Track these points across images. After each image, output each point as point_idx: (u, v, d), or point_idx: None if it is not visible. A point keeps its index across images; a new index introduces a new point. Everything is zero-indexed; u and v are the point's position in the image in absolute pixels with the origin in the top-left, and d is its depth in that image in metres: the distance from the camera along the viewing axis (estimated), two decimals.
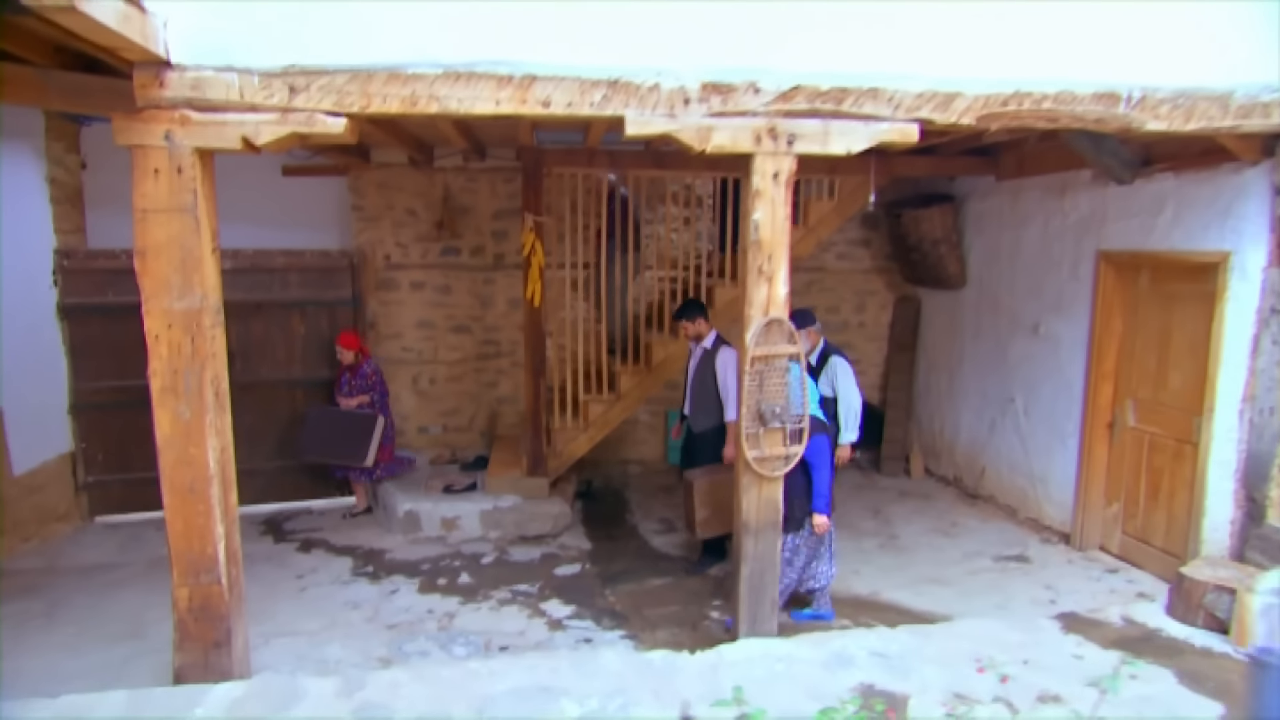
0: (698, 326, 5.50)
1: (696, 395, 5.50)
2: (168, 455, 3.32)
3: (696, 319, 5.50)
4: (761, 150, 3.50)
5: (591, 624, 4.70)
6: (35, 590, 5.10)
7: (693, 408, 5.56)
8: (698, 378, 5.49)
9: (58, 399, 6.32)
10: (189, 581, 3.42)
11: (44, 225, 6.23)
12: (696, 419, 5.53)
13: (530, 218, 5.89)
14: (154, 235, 3.20)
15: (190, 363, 3.27)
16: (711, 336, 5.51)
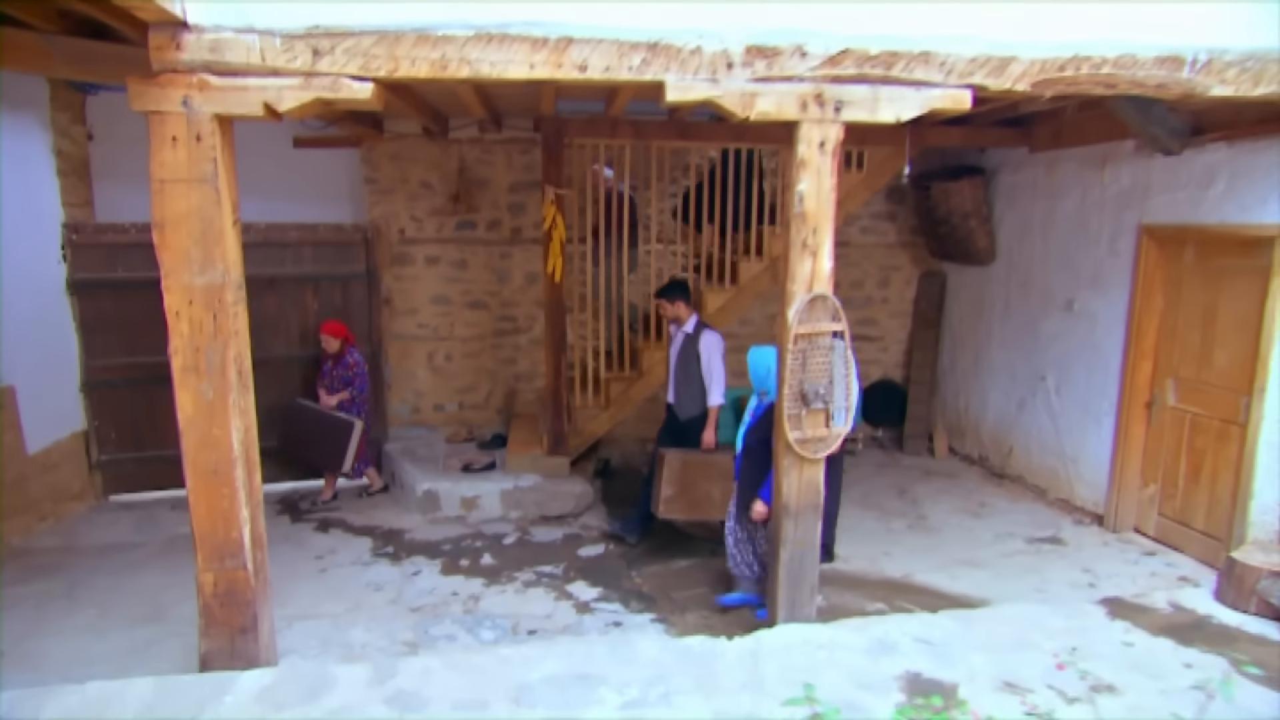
0: (676, 309, 5.29)
1: (680, 382, 5.35)
2: (190, 437, 3.20)
3: (676, 301, 5.29)
4: (807, 118, 3.33)
5: (619, 606, 4.61)
6: (55, 570, 5.02)
7: (677, 395, 5.41)
8: (680, 364, 5.33)
9: (69, 376, 6.21)
10: (214, 566, 3.32)
11: (51, 198, 6.07)
12: (682, 406, 5.38)
13: (551, 190, 5.72)
14: (173, 207, 3.05)
15: (212, 341, 3.14)
16: (693, 320, 5.34)
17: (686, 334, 5.34)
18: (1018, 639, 3.51)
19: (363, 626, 4.33)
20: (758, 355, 4.29)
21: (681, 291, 5.36)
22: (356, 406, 6.28)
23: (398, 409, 7.29)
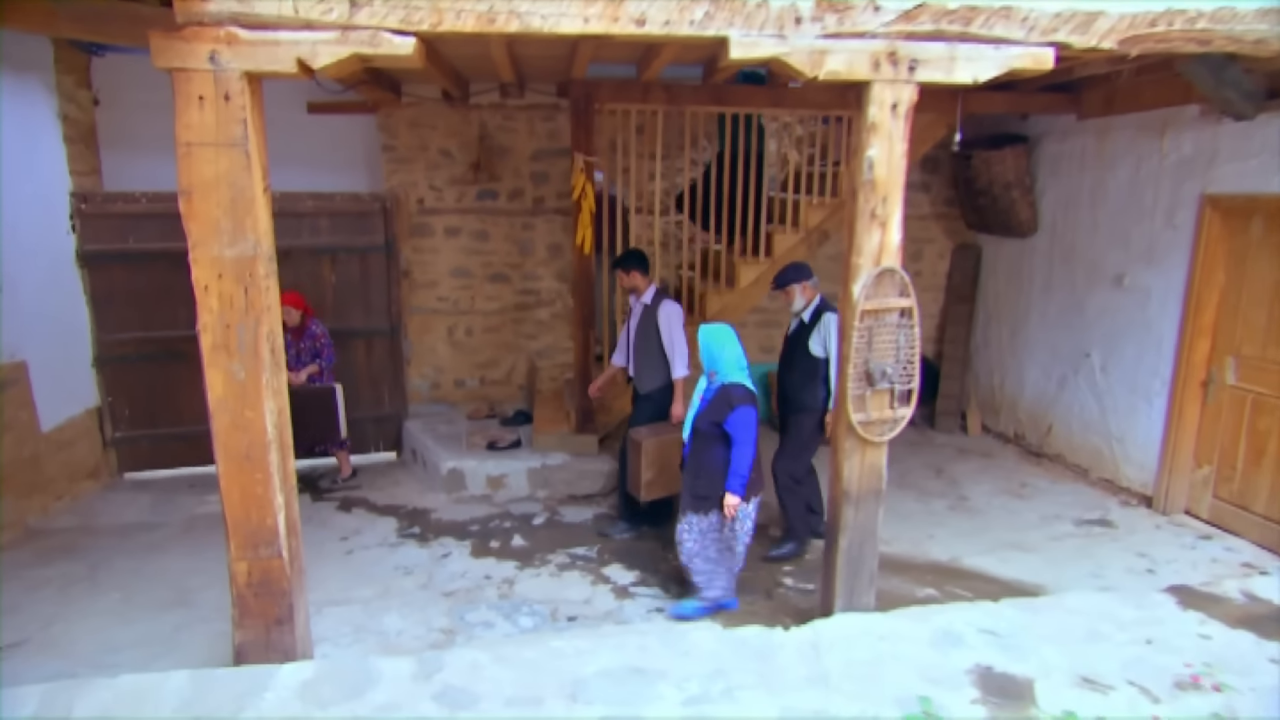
0: (633, 279, 5.11)
1: (639, 354, 5.16)
2: (221, 419, 3.01)
3: (632, 271, 5.11)
4: (879, 78, 3.09)
5: (659, 591, 4.46)
6: (75, 551, 4.87)
7: (636, 368, 5.22)
8: (640, 336, 5.14)
9: (81, 351, 6.02)
10: (248, 555, 3.15)
11: (58, 166, 5.83)
12: (642, 379, 5.19)
13: (581, 158, 5.47)
14: (200, 172, 2.83)
15: (244, 317, 2.94)
16: (650, 291, 5.14)
17: (645, 305, 5.11)
18: (1088, 630, 3.35)
19: (396, 612, 4.18)
20: (708, 334, 4.05)
21: (638, 261, 5.15)
22: (327, 378, 6.05)
23: (417, 385, 7.10)
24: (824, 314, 4.69)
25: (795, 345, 4.83)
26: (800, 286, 4.79)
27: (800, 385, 4.78)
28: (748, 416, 3.83)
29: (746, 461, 3.84)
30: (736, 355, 3.99)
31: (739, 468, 3.84)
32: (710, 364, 4.00)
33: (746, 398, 3.86)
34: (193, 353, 6.44)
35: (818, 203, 5.94)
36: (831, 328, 4.54)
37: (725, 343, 3.98)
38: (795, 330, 4.87)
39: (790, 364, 4.87)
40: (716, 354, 3.96)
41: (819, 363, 4.68)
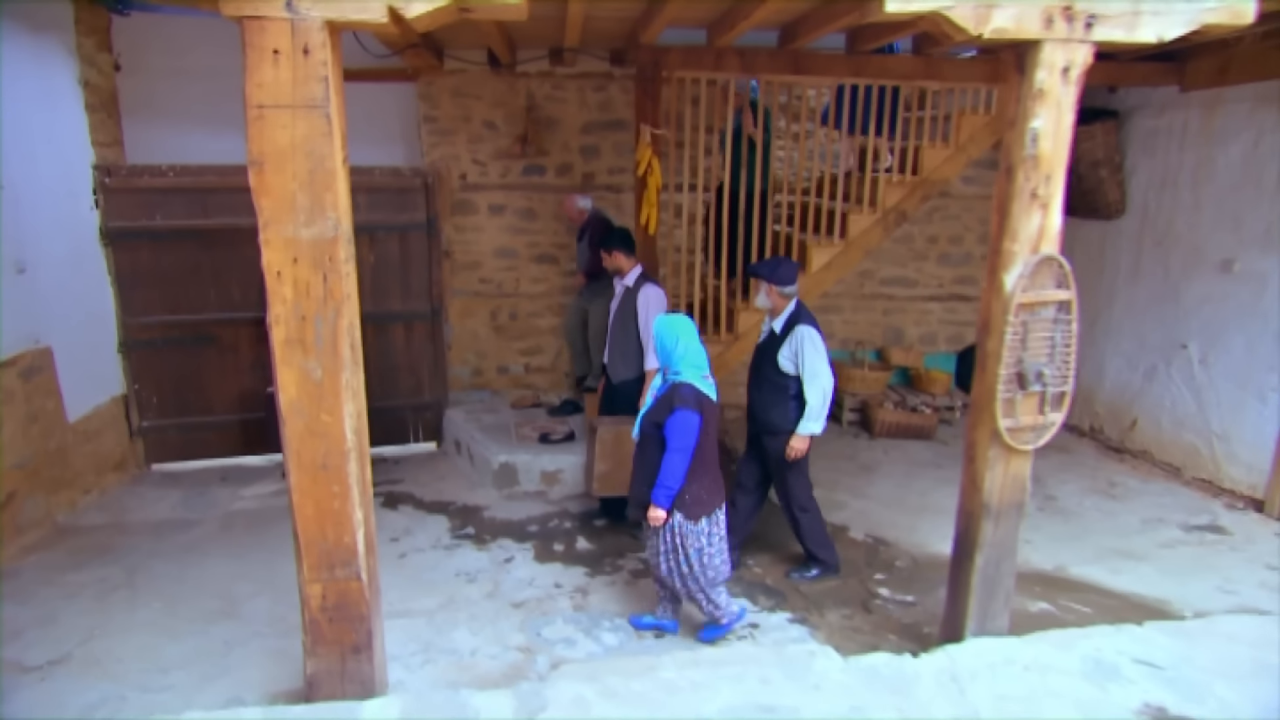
0: (615, 260, 4.79)
1: (616, 340, 4.81)
2: (294, 424, 2.64)
3: (614, 251, 4.79)
4: (1051, 36, 2.68)
5: (747, 603, 4.10)
6: (108, 553, 4.53)
7: (610, 354, 4.86)
8: (619, 320, 4.79)
9: (106, 336, 5.64)
10: (322, 577, 2.79)
11: (79, 137, 5.41)
12: (615, 367, 4.82)
13: (647, 130, 5.05)
14: (274, 139, 2.43)
15: (322, 307, 2.55)
16: (634, 272, 4.79)
17: (626, 287, 4.79)
18: (1255, 662, 3.01)
19: (465, 627, 3.83)
20: (664, 326, 3.58)
21: (620, 240, 4.81)
22: None
23: (458, 371, 6.73)
24: (797, 327, 4.07)
25: (763, 358, 4.21)
26: (768, 288, 4.11)
27: (768, 404, 4.17)
28: (686, 422, 3.37)
29: (674, 470, 3.39)
30: (694, 351, 3.51)
31: (665, 476, 3.39)
32: (664, 359, 3.56)
33: (690, 400, 3.39)
34: (224, 337, 6.18)
35: (897, 180, 5.52)
36: (806, 344, 4.00)
37: (681, 336, 3.51)
38: (764, 340, 4.26)
39: (758, 378, 4.25)
40: (670, 348, 3.51)
41: (789, 380, 4.08)
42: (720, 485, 3.64)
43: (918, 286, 7.00)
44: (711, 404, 3.49)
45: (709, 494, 3.54)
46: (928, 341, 7.11)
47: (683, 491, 3.46)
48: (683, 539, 3.52)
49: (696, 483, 3.49)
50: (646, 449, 3.55)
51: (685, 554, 3.54)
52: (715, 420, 3.57)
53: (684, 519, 3.50)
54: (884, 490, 5.53)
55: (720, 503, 3.62)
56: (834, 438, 6.52)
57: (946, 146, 5.53)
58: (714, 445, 3.58)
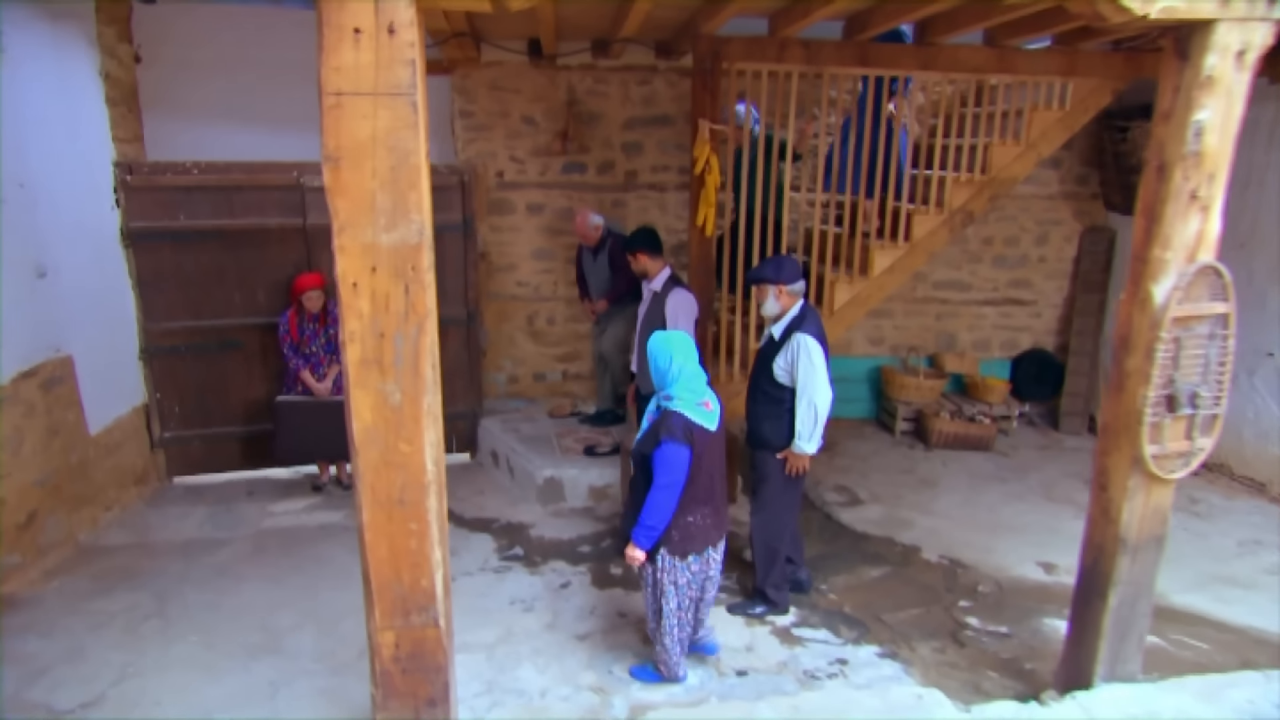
0: (640, 263, 4.55)
1: (644, 348, 4.47)
2: (369, 453, 2.33)
3: (639, 253, 4.54)
4: (1228, 15, 2.37)
5: (828, 634, 3.81)
6: (136, 577, 4.23)
7: (640, 364, 4.56)
8: (646, 326, 4.50)
9: (127, 342, 5.33)
10: (395, 624, 2.49)
11: (100, 132, 5.11)
12: (644, 377, 4.51)
13: (706, 125, 4.74)
14: (352, 131, 2.13)
15: (403, 323, 2.25)
16: (662, 276, 4.55)
17: (654, 292, 4.55)
18: None
19: (529, 663, 3.53)
20: (659, 344, 3.21)
21: (645, 241, 4.53)
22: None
23: (493, 378, 6.43)
24: (795, 334, 3.64)
25: (760, 366, 3.84)
26: (776, 289, 3.70)
27: (761, 416, 3.82)
28: (673, 456, 3.02)
29: (657, 508, 3.06)
30: (689, 374, 3.14)
31: (647, 514, 3.07)
32: (657, 381, 3.19)
33: (678, 431, 3.03)
34: (249, 342, 5.86)
35: (965, 180, 5.22)
36: (802, 354, 3.60)
37: (675, 356, 3.14)
38: (764, 346, 3.87)
39: (754, 388, 3.89)
40: (664, 369, 3.15)
41: (784, 392, 3.70)
42: (721, 519, 3.29)
43: (971, 290, 6.70)
44: (706, 434, 3.12)
45: (701, 529, 3.19)
46: (981, 347, 6.81)
47: (671, 525, 3.13)
48: (664, 575, 3.21)
49: (689, 516, 3.16)
50: (635, 481, 3.23)
51: (663, 591, 3.22)
52: (716, 450, 3.21)
53: (669, 554, 3.17)
54: (950, 507, 5.23)
55: (718, 539, 3.29)
56: (888, 449, 6.23)
57: (1017, 144, 5.22)
58: (713, 476, 3.21)
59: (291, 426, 5.24)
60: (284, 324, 5.25)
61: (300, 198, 5.47)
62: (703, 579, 3.29)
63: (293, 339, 5.23)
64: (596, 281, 5.60)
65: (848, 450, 6.11)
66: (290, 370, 5.28)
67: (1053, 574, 4.33)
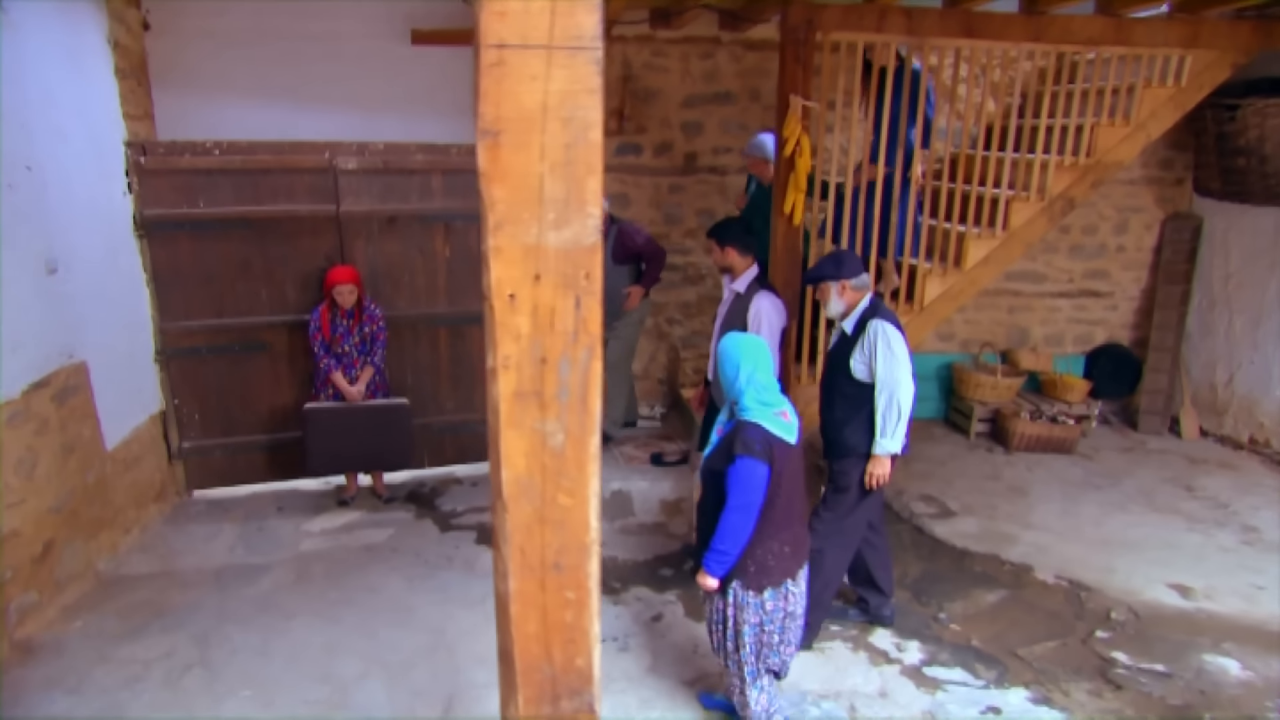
0: (727, 257, 3.96)
1: None
2: (520, 510, 1.84)
3: (727, 246, 3.95)
4: None
5: (962, 673, 3.41)
6: (168, 614, 3.74)
7: (714, 371, 4.11)
8: (724, 330, 4.00)
9: (143, 344, 4.80)
10: (544, 711, 2.01)
11: (111, 108, 4.55)
12: (719, 388, 4.05)
13: (798, 102, 4.26)
14: (517, 98, 1.62)
15: (571, 345, 1.75)
16: (748, 275, 3.99)
17: (737, 292, 3.98)
18: None
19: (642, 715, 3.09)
20: (730, 348, 2.84)
21: (733, 234, 4.00)
22: (382, 383, 4.91)
23: None
24: (871, 321, 3.33)
25: (835, 367, 3.50)
26: (838, 286, 3.40)
27: (841, 422, 3.44)
28: (749, 474, 2.66)
29: (732, 532, 2.70)
30: (763, 383, 2.77)
31: (720, 538, 2.70)
32: (729, 389, 2.83)
33: (756, 446, 2.66)
34: (277, 343, 5.29)
35: (1069, 164, 4.78)
36: (880, 341, 3.27)
37: (745, 362, 2.77)
38: (835, 345, 3.54)
39: (829, 392, 3.53)
40: (732, 378, 2.79)
41: (865, 390, 3.35)
42: (801, 547, 2.87)
43: (1046, 282, 6.29)
44: (787, 448, 2.72)
45: (779, 559, 2.77)
46: (1054, 342, 6.42)
47: (745, 554, 2.73)
48: (737, 611, 2.79)
49: (765, 544, 2.74)
50: (706, 501, 2.83)
51: (738, 630, 2.81)
52: (796, 467, 2.80)
53: (742, 588, 2.76)
54: (1048, 518, 4.84)
55: (798, 569, 2.86)
56: (965, 452, 5.84)
57: (1124, 124, 4.79)
58: (794, 498, 2.81)
59: (323, 435, 4.74)
60: (315, 320, 4.73)
61: (333, 182, 4.93)
62: (781, 616, 2.85)
63: (324, 336, 4.72)
64: None
65: (923, 454, 5.70)
66: (320, 371, 4.78)
67: (1190, 598, 3.94)
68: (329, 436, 4.76)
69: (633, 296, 5.19)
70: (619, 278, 5.10)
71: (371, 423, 4.80)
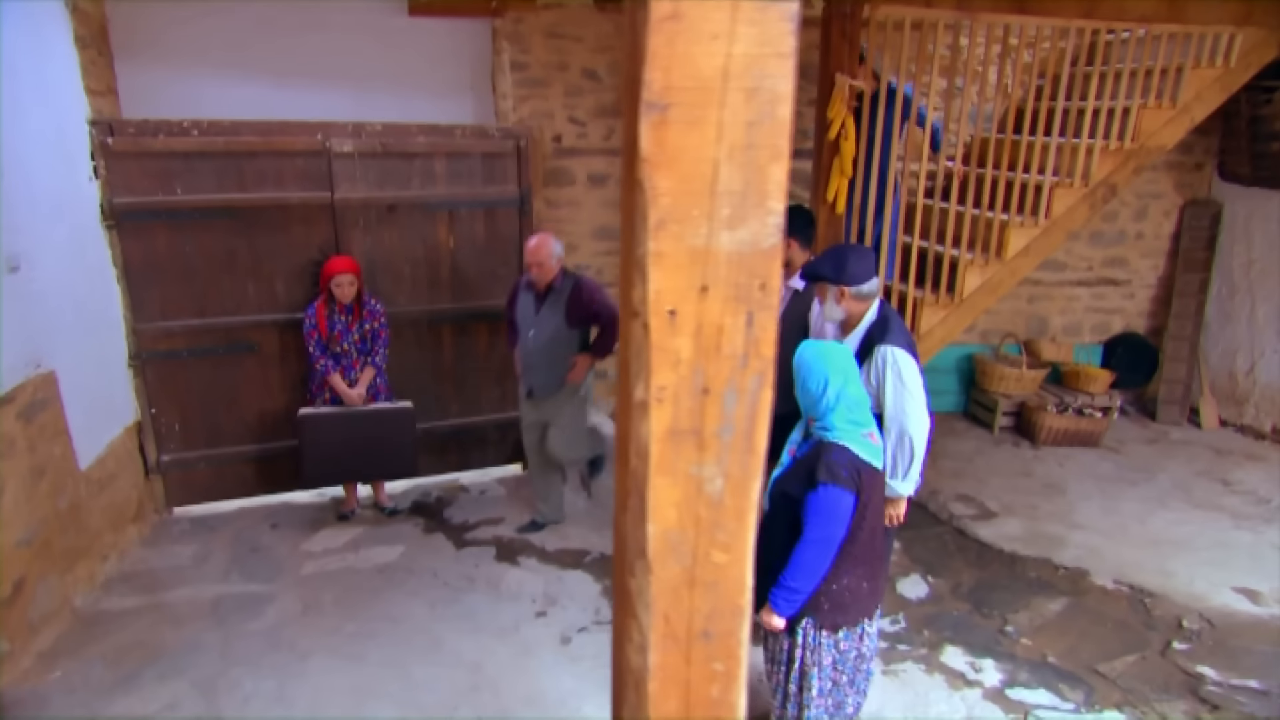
0: (790, 251, 3.50)
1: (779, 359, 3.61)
2: (666, 570, 1.50)
3: (792, 240, 3.50)
4: None
5: (1048, 695, 3.19)
6: (163, 656, 3.32)
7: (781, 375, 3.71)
8: (784, 330, 3.61)
9: (115, 348, 4.30)
10: None
11: (72, 82, 4.02)
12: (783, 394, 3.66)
13: (845, 81, 3.96)
14: (692, 62, 1.26)
15: (739, 372, 1.42)
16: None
17: (795, 290, 3.56)
18: None
19: None
20: (813, 360, 2.47)
21: (799, 226, 3.54)
22: (384, 386, 4.48)
23: None
24: (878, 347, 2.87)
25: None
26: (836, 291, 2.94)
27: None
28: (833, 504, 2.34)
29: (805, 567, 2.39)
30: (851, 399, 2.41)
31: (791, 574, 2.39)
32: (812, 406, 2.48)
33: (841, 471, 2.34)
34: (266, 344, 4.75)
35: (1114, 148, 4.58)
36: (890, 371, 2.83)
37: (833, 375, 2.42)
38: None
39: None
40: (819, 393, 2.43)
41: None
42: (880, 584, 2.57)
43: (1066, 270, 6.14)
44: (875, 474, 2.43)
45: (857, 596, 2.47)
46: (1072, 332, 6.28)
47: (821, 590, 2.43)
48: (806, 652, 2.49)
49: (844, 579, 2.44)
50: (774, 526, 2.45)
51: (804, 671, 2.51)
52: (880, 494, 2.50)
53: (814, 626, 2.47)
54: (1092, 517, 4.68)
55: (874, 607, 2.57)
56: (991, 447, 5.66)
57: (1166, 108, 4.60)
58: (877, 529, 2.50)
59: (320, 443, 4.32)
60: (310, 316, 4.29)
61: (327, 166, 4.48)
62: (855, 658, 2.56)
63: (321, 335, 4.28)
64: (539, 336, 4.09)
65: (949, 450, 5.51)
66: (316, 373, 4.34)
67: (1262, 604, 3.80)
68: (327, 445, 4.33)
69: (579, 367, 4.16)
70: (568, 344, 4.12)
71: (374, 429, 4.39)
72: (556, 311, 4.07)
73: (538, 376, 4.18)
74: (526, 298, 4.17)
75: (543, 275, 4.03)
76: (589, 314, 4.10)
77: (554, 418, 4.26)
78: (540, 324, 4.10)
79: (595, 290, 4.13)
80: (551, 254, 4.01)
